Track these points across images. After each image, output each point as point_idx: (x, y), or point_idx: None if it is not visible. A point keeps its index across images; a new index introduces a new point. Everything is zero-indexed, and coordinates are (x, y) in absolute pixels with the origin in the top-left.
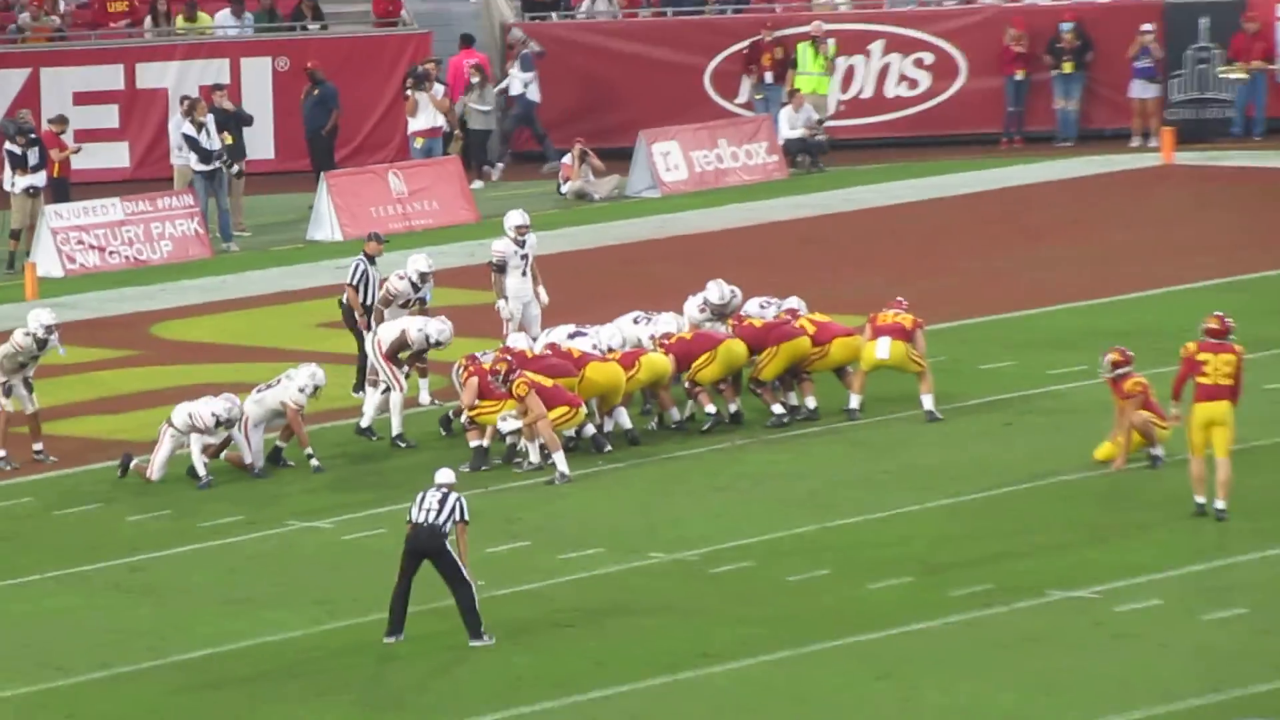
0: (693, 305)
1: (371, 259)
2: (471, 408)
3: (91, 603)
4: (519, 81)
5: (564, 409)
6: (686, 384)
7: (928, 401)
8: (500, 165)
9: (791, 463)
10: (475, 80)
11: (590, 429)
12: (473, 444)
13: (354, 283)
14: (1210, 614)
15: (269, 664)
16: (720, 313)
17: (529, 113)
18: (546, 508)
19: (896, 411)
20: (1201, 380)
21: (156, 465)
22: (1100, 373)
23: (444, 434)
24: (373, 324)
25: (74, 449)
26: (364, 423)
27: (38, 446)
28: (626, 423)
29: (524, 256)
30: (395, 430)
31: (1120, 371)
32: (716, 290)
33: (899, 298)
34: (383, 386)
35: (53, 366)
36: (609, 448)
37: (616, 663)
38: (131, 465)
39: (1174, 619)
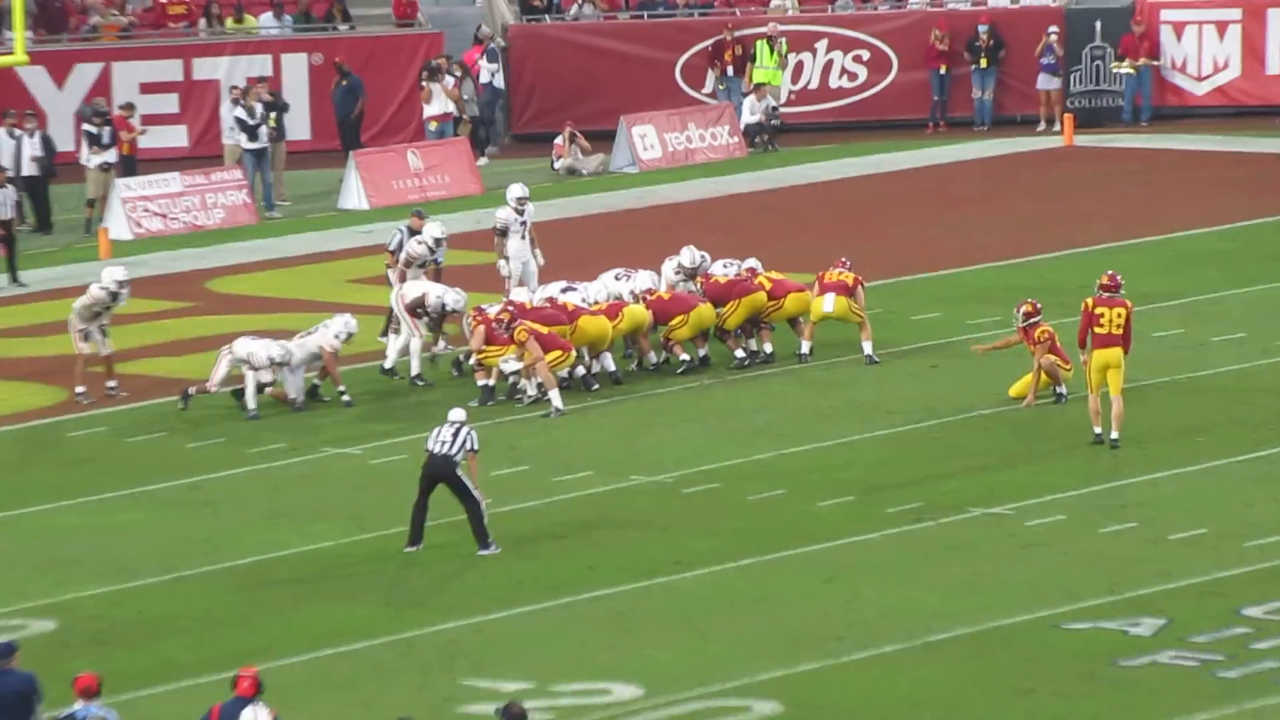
0: (669, 268)
1: (413, 231)
2: (479, 352)
3: (157, 516)
4: (487, 71)
5: (558, 353)
6: (663, 339)
7: (867, 347)
8: (493, 149)
9: (751, 399)
10: (459, 75)
11: (580, 370)
12: (480, 383)
13: (391, 249)
14: (1106, 527)
15: (308, 569)
16: (691, 274)
17: (495, 98)
18: (543, 436)
19: (840, 356)
20: (1098, 330)
21: (215, 380)
22: (1014, 322)
23: (455, 374)
24: (395, 281)
25: (142, 386)
26: (387, 364)
27: (111, 383)
28: (611, 365)
29: (523, 223)
30: (414, 371)
31: (1031, 321)
32: (689, 255)
33: (843, 258)
34: (404, 334)
35: (124, 315)
36: (596, 386)
37: (604, 568)
38: (191, 391)
39: (1076, 531)
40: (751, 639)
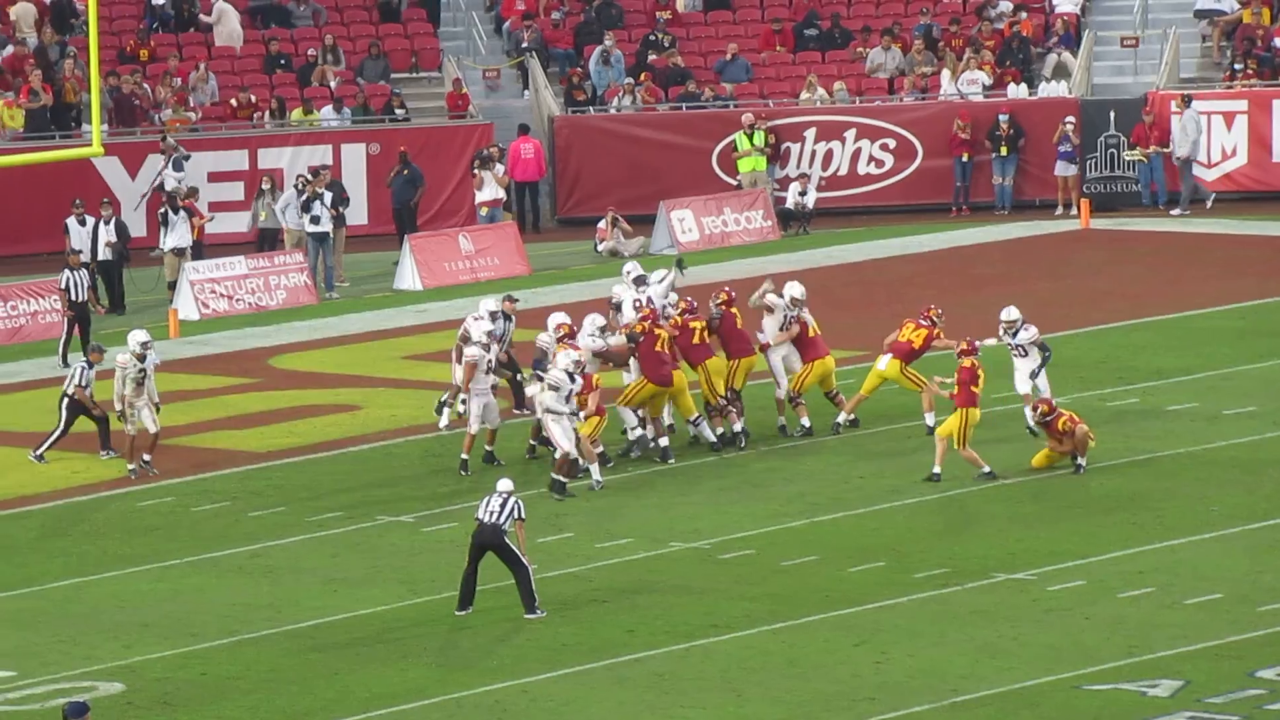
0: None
1: (506, 316)
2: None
3: (220, 582)
4: (172, 179)
5: (595, 419)
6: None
7: (929, 419)
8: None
9: (784, 469)
10: (266, 187)
11: (640, 433)
12: (554, 476)
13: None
14: (1125, 592)
15: (362, 632)
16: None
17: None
18: (586, 505)
19: (872, 428)
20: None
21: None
22: (1032, 421)
23: (530, 456)
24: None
25: (207, 458)
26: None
27: (146, 458)
28: (710, 434)
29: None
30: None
31: (1047, 419)
32: (798, 288)
33: (933, 307)
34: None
35: (189, 390)
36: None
37: (644, 632)
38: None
39: (1095, 596)
40: (785, 700)
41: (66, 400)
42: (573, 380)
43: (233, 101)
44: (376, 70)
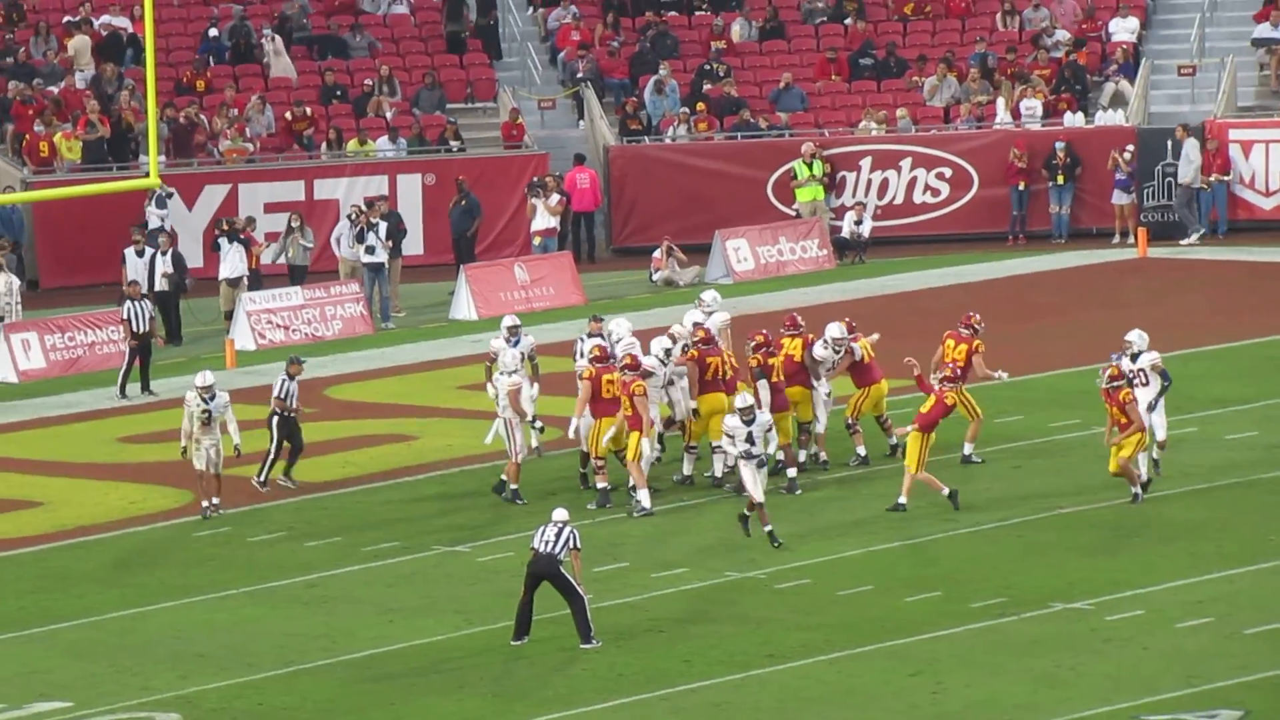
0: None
1: (592, 334)
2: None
3: (276, 612)
4: (155, 217)
5: (637, 435)
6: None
7: (967, 448)
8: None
9: (840, 498)
10: (296, 225)
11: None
12: (599, 485)
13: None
14: (1184, 622)
15: (418, 662)
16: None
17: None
18: (642, 535)
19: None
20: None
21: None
22: (1099, 382)
23: (583, 487)
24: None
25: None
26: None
27: (215, 500)
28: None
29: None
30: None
31: (1115, 384)
32: (837, 328)
33: (973, 315)
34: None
35: (247, 421)
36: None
37: (700, 661)
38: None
39: (1154, 626)
40: None
41: (276, 419)
42: (664, 364)
43: (287, 114)
44: (432, 101)
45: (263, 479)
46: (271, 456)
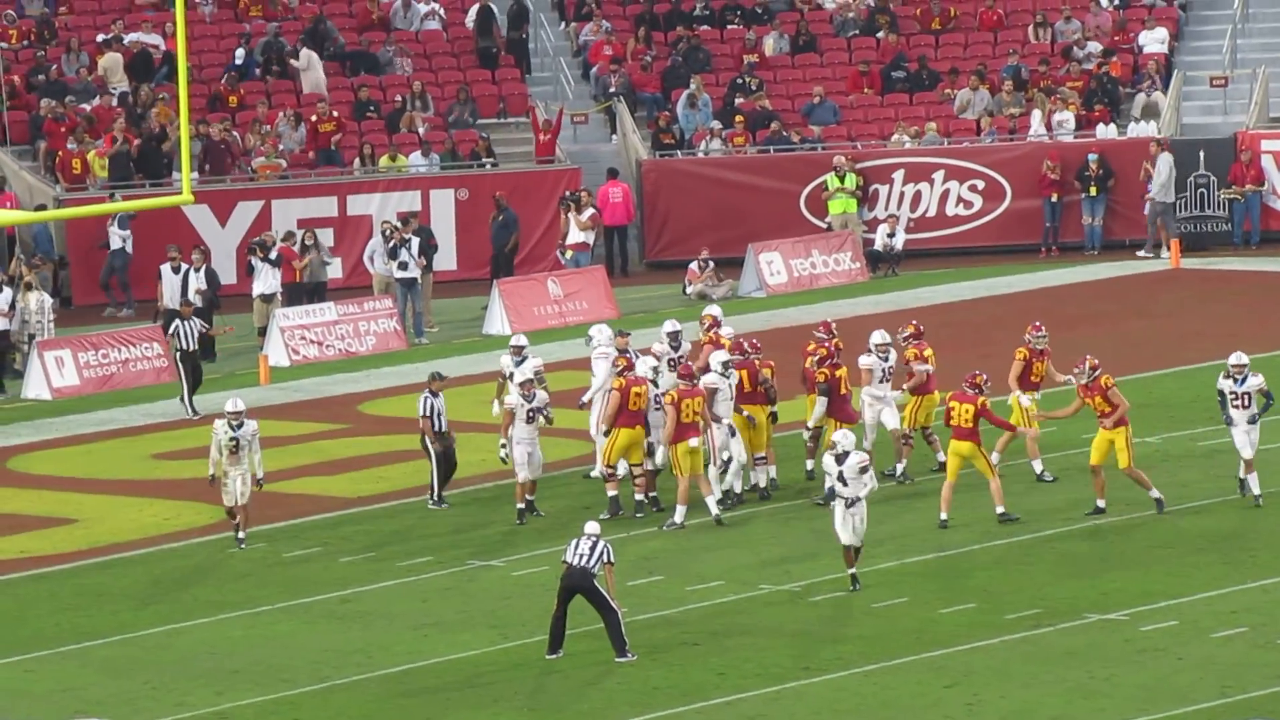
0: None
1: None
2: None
3: (312, 627)
4: (118, 238)
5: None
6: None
7: (1036, 465)
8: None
9: (873, 511)
10: (310, 243)
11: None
12: (610, 494)
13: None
14: (1218, 632)
15: (454, 676)
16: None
17: (124, 263)
18: (675, 548)
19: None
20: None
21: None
22: (1076, 380)
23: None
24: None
25: (299, 504)
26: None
27: (242, 535)
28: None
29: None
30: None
31: (1096, 374)
32: (878, 335)
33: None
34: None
35: (281, 437)
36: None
37: (735, 674)
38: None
39: (1188, 637)
40: None
41: (427, 439)
42: (726, 377)
43: (312, 116)
44: (464, 116)
45: (436, 498)
46: (436, 475)
